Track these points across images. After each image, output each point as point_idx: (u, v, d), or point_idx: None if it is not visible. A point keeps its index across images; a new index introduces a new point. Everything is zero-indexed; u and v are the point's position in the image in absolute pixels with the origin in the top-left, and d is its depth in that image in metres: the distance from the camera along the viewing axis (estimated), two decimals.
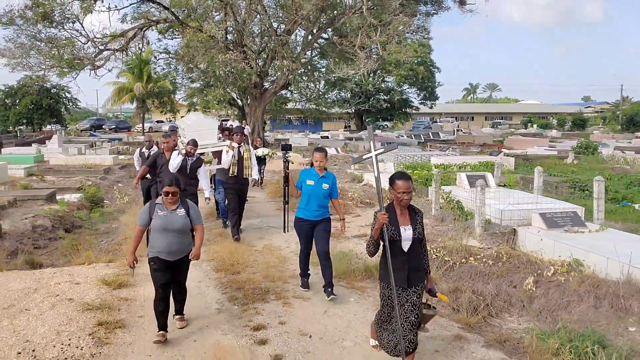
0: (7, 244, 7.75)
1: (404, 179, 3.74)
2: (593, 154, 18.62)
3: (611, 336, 4.32)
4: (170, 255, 4.33)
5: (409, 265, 3.75)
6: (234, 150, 7.43)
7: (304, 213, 5.36)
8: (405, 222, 3.76)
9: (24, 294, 5.11)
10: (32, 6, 20.86)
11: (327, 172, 5.43)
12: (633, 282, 4.93)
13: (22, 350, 3.98)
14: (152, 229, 4.38)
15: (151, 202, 4.47)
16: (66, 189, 12.65)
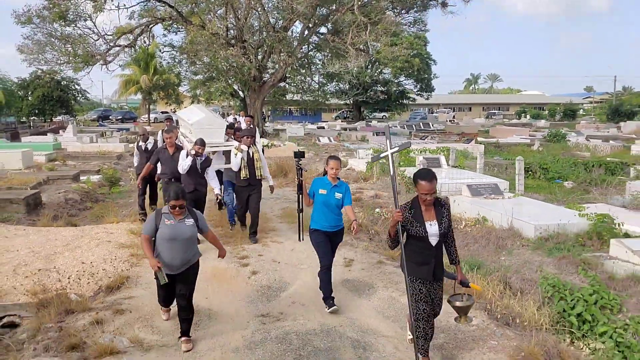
0: (47, 211, 9.69)
1: (428, 180, 3.66)
2: (560, 142, 20.42)
3: (487, 263, 6.22)
4: (173, 268, 4.29)
5: (435, 260, 3.76)
6: (242, 152, 7.10)
7: (320, 224, 5.18)
8: (430, 218, 3.73)
9: (74, 239, 7.06)
10: (49, 7, 22.73)
11: (340, 182, 5.25)
12: (512, 229, 6.84)
13: (80, 267, 5.93)
14: (158, 239, 4.28)
15: (157, 211, 4.41)
16: (87, 171, 14.59)
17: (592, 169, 12.61)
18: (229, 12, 24.37)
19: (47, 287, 5.48)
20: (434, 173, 3.76)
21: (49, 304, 5.14)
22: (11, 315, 5.33)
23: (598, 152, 18.55)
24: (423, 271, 3.74)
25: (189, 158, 6.84)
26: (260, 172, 7.18)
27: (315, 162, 16.64)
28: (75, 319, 4.81)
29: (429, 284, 3.78)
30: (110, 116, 52.42)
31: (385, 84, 52.28)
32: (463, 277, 3.95)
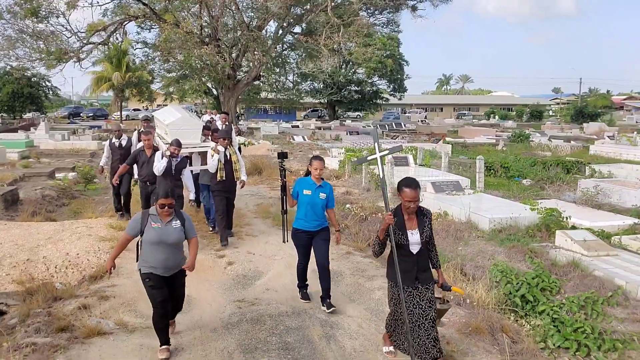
0: (25, 207, 9.86)
1: (412, 188, 3.74)
2: (523, 142, 21.33)
3: (446, 252, 6.75)
4: (167, 270, 4.17)
5: (417, 266, 3.82)
6: (219, 153, 7.02)
7: (302, 224, 5.19)
8: (412, 227, 3.79)
9: (55, 232, 7.33)
10: (20, 3, 22.51)
11: (324, 182, 5.29)
12: (469, 222, 7.42)
13: (64, 259, 6.24)
14: (144, 242, 4.16)
15: (144, 213, 4.28)
16: (61, 169, 14.68)
17: (550, 168, 13.36)
18: (203, 10, 24.54)
19: (33, 276, 5.78)
20: (418, 182, 3.83)
21: (35, 292, 5.45)
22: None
23: (559, 152, 19.45)
24: (405, 278, 3.77)
25: (164, 159, 6.74)
26: (238, 173, 7.18)
27: (289, 161, 17.06)
28: (63, 305, 5.15)
29: (413, 288, 3.82)
30: (81, 113, 51.80)
31: (359, 83, 52.97)
32: (444, 280, 4.00)
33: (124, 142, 8.84)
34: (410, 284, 3.81)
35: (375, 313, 5.06)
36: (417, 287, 3.82)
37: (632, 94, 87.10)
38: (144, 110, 53.29)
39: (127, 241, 4.28)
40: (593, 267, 5.67)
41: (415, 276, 3.80)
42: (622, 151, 17.60)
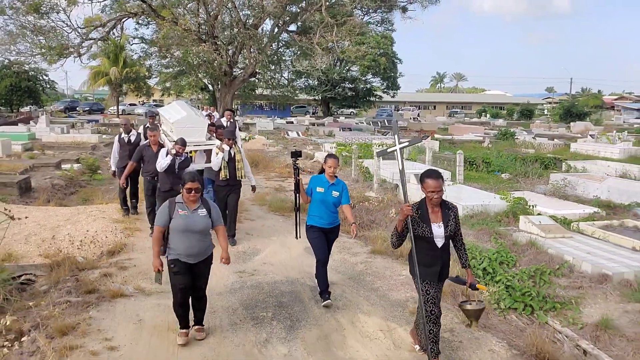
0: (37, 195, 10.63)
1: (434, 178, 3.73)
2: (508, 140, 22.24)
3: None
4: (192, 257, 4.23)
5: (442, 261, 3.82)
6: (223, 152, 7.08)
7: (316, 221, 5.30)
8: (436, 220, 3.77)
9: (72, 215, 8.11)
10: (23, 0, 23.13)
11: (338, 180, 5.38)
12: None
13: (85, 236, 7.03)
14: (171, 230, 4.22)
15: (171, 201, 4.32)
16: (67, 160, 15.40)
17: (529, 164, 14.23)
18: (200, 7, 25.23)
19: (59, 250, 6.57)
20: (440, 172, 3.87)
21: (61, 264, 6.23)
22: (28, 274, 6.40)
23: (542, 149, 20.32)
24: (429, 273, 3.78)
25: (168, 157, 6.81)
26: (241, 172, 7.20)
27: (284, 155, 17.87)
28: (87, 274, 5.94)
29: (435, 284, 3.85)
30: (77, 107, 52.22)
31: (352, 81, 53.87)
32: (473, 280, 3.95)
33: (133, 138, 8.79)
34: (434, 279, 3.81)
35: (357, 281, 5.90)
36: (440, 286, 3.89)
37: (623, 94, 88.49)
38: (140, 105, 53.94)
39: (160, 233, 4.26)
40: (548, 246, 6.52)
41: (439, 271, 3.81)
42: (600, 149, 18.51)
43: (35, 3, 23.11)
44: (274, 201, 9.58)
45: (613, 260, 5.99)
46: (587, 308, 5.06)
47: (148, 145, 7.63)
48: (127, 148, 8.62)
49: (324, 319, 4.87)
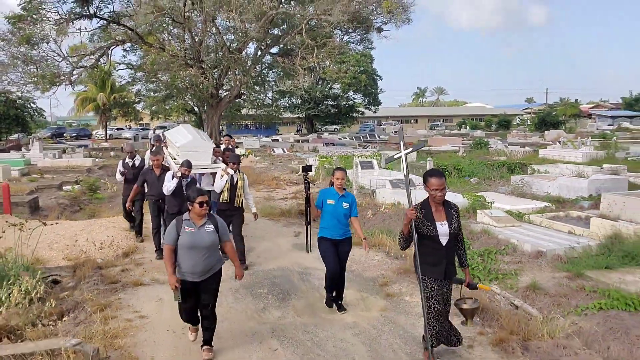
0: (46, 212, 11.60)
1: (437, 176, 3.87)
2: (481, 148, 23.65)
3: (394, 229, 8.74)
4: (196, 275, 4.27)
5: (446, 259, 3.93)
6: (228, 175, 7.22)
7: (328, 232, 5.45)
8: (440, 218, 3.90)
9: (86, 226, 9.14)
10: (14, 31, 24.16)
11: (347, 192, 5.58)
12: None
13: (103, 241, 8.07)
14: (179, 247, 4.27)
15: (178, 219, 4.37)
16: (66, 182, 16.36)
17: (497, 169, 15.53)
18: (186, 33, 26.45)
19: (80, 254, 7.60)
20: (442, 171, 4.04)
21: (83, 264, 7.26)
22: (54, 275, 7.41)
23: (513, 156, 21.72)
24: (435, 271, 3.89)
25: (174, 180, 6.94)
26: (240, 199, 7.24)
27: (271, 170, 19.01)
28: (108, 270, 6.98)
29: (440, 282, 3.96)
30: (65, 133, 52.93)
31: (335, 98, 55.48)
32: (471, 280, 4.07)
33: (137, 162, 9.01)
34: (440, 277, 3.93)
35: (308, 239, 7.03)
36: (443, 283, 3.99)
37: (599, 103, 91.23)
38: (128, 129, 54.89)
39: (170, 252, 4.30)
40: (498, 233, 7.71)
41: (444, 269, 3.92)
42: (565, 154, 19.95)
43: (27, 35, 24.14)
44: (264, 208, 10.68)
45: (550, 242, 7.19)
46: (524, 277, 6.22)
47: (151, 169, 7.72)
48: (131, 172, 8.83)
49: (310, 293, 5.99)
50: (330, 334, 4.88)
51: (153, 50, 25.59)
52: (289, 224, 9.78)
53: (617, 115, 70.03)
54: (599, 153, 19.75)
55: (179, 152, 8.25)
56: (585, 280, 5.84)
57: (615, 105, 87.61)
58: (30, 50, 25.10)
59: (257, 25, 24.93)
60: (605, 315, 4.84)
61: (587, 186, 10.58)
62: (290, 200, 11.82)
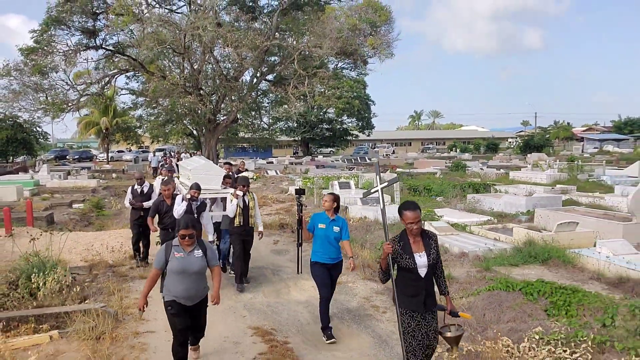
0: (61, 225, 13.30)
1: (411, 209, 3.87)
2: (458, 170, 25.47)
3: (359, 238, 10.43)
4: (189, 300, 4.37)
5: (425, 290, 3.89)
6: (238, 198, 7.32)
7: (319, 257, 5.55)
8: (418, 249, 3.87)
9: (98, 236, 10.85)
10: (26, 62, 26.17)
11: (338, 216, 5.68)
12: (377, 221, 11.18)
13: (113, 246, 9.76)
14: (168, 272, 4.36)
15: (167, 244, 4.46)
16: (75, 201, 18.09)
17: (463, 189, 17.27)
18: (185, 61, 28.47)
19: (95, 257, 9.29)
20: (417, 204, 4.01)
21: (97, 265, 8.95)
22: (74, 273, 9.08)
23: (486, 178, 23.51)
24: (413, 303, 3.87)
25: (184, 203, 7.03)
26: (253, 219, 7.46)
27: (264, 191, 20.75)
28: (118, 269, 8.66)
29: (420, 316, 3.92)
30: (67, 156, 54.81)
31: (330, 122, 57.65)
32: (453, 307, 4.09)
33: (145, 189, 9.23)
34: (419, 309, 3.90)
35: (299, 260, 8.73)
36: (425, 317, 3.93)
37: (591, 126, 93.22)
38: (128, 152, 56.90)
39: (156, 275, 4.46)
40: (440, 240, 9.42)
41: (423, 301, 3.89)
42: (532, 176, 21.74)
43: (39, 65, 26.17)
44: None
45: (475, 246, 8.91)
46: (446, 271, 7.89)
47: (162, 200, 7.80)
48: (139, 198, 9.08)
49: (277, 282, 7.69)
50: (287, 307, 6.59)
51: (154, 78, 27.55)
52: (269, 234, 11.48)
53: (604, 139, 71.99)
54: (562, 175, 21.54)
55: (190, 175, 8.60)
56: (490, 273, 7.54)
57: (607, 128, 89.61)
58: (41, 79, 27.12)
59: (253, 54, 27.02)
60: (490, 294, 6.51)
61: (525, 203, 12.34)
62: (273, 216, 13.55)
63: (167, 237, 7.50)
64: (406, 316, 3.94)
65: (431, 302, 4.00)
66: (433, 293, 4.03)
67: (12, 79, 26.76)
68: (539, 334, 4.96)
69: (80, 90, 28.46)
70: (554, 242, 8.59)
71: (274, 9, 28.84)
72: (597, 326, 5.20)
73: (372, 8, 27.10)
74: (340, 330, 5.78)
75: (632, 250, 7.66)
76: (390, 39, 26.73)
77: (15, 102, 27.54)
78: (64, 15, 26.02)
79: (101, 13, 27.04)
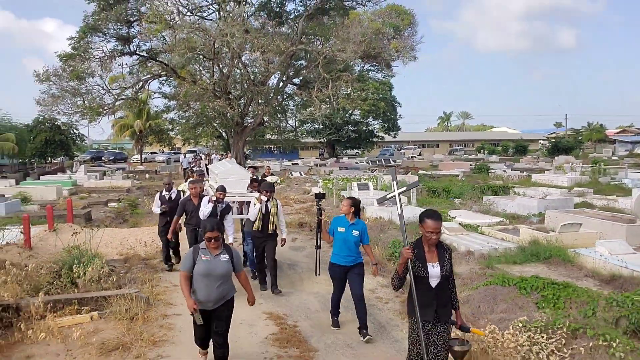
0: (98, 222, 14.31)
1: (434, 219, 3.83)
2: (481, 173, 25.71)
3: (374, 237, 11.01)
4: (210, 303, 4.47)
5: (437, 301, 3.85)
6: (261, 203, 7.41)
7: (337, 259, 5.71)
8: (432, 259, 3.86)
9: (132, 232, 11.74)
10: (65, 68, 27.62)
11: (357, 220, 5.79)
12: (391, 221, 11.75)
13: (145, 241, 10.62)
14: (195, 274, 4.45)
15: (194, 247, 4.57)
16: (111, 200, 19.19)
17: (483, 191, 17.63)
18: (215, 66, 29.48)
19: (129, 250, 10.16)
20: (440, 214, 3.95)
21: (131, 258, 9.79)
22: (110, 266, 9.96)
23: (508, 180, 23.71)
24: (425, 313, 3.81)
25: (209, 204, 7.17)
26: (273, 226, 7.51)
27: (287, 192, 21.50)
28: (150, 261, 9.48)
29: (431, 325, 3.87)
30: (103, 157, 56.92)
31: (355, 124, 58.18)
32: (462, 322, 4.05)
33: (173, 195, 9.31)
34: (430, 319, 3.85)
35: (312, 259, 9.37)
36: (436, 326, 3.88)
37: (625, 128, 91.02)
38: (161, 153, 58.74)
39: (186, 279, 4.51)
40: (446, 238, 9.92)
41: (435, 310, 3.86)
42: (553, 178, 21.86)
43: (77, 71, 27.57)
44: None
45: (482, 245, 9.40)
46: (458, 269, 8.42)
47: (189, 199, 8.02)
48: (167, 205, 9.15)
49: (292, 275, 8.37)
50: (299, 296, 7.29)
51: (185, 83, 28.67)
52: (288, 232, 12.15)
53: (637, 141, 70.36)
54: (584, 178, 21.60)
55: (218, 179, 8.70)
56: (492, 270, 8.04)
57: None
58: (78, 84, 28.54)
59: (280, 59, 27.85)
60: (487, 288, 7.03)
61: (537, 205, 12.70)
62: (294, 215, 14.24)
63: (193, 236, 7.94)
64: (415, 325, 3.90)
65: (444, 314, 3.94)
66: (447, 304, 3.98)
67: (52, 83, 28.27)
68: (522, 322, 5.48)
69: (116, 95, 29.86)
70: (557, 242, 9.01)
71: (300, 14, 29.62)
72: (580, 317, 5.69)
73: (396, 12, 27.55)
74: (345, 316, 6.39)
75: (629, 250, 8.04)
76: (413, 42, 27.12)
77: (54, 106, 28.97)
78: (100, 23, 27.35)
79: (135, 21, 28.33)
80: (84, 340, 5.47)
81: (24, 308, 6.08)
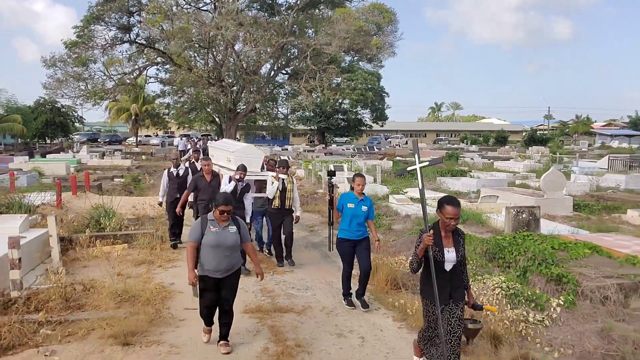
0: (109, 193, 16.71)
1: (454, 205, 3.93)
2: (450, 160, 28.33)
3: None
4: (219, 272, 4.60)
5: (451, 284, 4.03)
6: (279, 181, 7.46)
7: (347, 234, 5.85)
8: (448, 244, 4.00)
9: (140, 200, 14.18)
10: (70, 54, 29.73)
11: (365, 197, 5.90)
12: None
13: (153, 205, 13.09)
14: (203, 245, 4.55)
15: (202, 218, 4.65)
16: (116, 175, 21.59)
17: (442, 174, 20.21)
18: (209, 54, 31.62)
19: (140, 211, 12.62)
20: (459, 201, 4.05)
21: (142, 217, 12.23)
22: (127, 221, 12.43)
23: (474, 167, 26.31)
24: (439, 295, 3.94)
25: (232, 183, 7.21)
26: (290, 202, 7.76)
27: None
28: (158, 219, 11.93)
29: (446, 305, 4.03)
30: (99, 139, 58.92)
31: (344, 112, 60.51)
32: (474, 301, 4.19)
33: (181, 172, 9.31)
34: (444, 301, 4.00)
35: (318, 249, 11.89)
36: (449, 304, 4.03)
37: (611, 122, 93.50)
38: (154, 137, 60.89)
39: (193, 249, 4.58)
40: (395, 207, 12.48)
41: (449, 293, 4.02)
42: (512, 165, 24.52)
43: (82, 58, 29.71)
44: None
45: (418, 211, 11.94)
46: (395, 226, 10.98)
47: (201, 175, 8.05)
48: (175, 181, 9.19)
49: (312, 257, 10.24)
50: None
51: (182, 70, 30.85)
52: None
53: (617, 134, 73.16)
54: (539, 165, 24.27)
55: (231, 157, 8.55)
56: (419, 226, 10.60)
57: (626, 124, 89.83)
58: (82, 70, 30.67)
59: (270, 50, 30.12)
60: (409, 237, 9.59)
61: (475, 184, 15.31)
62: None
63: (204, 212, 7.52)
64: (430, 306, 4.07)
65: (458, 295, 4.10)
66: (460, 286, 4.14)
67: (57, 69, 30.43)
68: None
69: (116, 80, 32.02)
70: (477, 210, 11.59)
71: (291, 6, 31.80)
72: None
73: (378, 10, 29.87)
74: (303, 252, 8.89)
75: None
76: (394, 38, 29.48)
77: (59, 90, 31.12)
78: (103, 13, 29.43)
79: (136, 12, 30.44)
80: (121, 259, 7.98)
81: (75, 240, 8.57)
